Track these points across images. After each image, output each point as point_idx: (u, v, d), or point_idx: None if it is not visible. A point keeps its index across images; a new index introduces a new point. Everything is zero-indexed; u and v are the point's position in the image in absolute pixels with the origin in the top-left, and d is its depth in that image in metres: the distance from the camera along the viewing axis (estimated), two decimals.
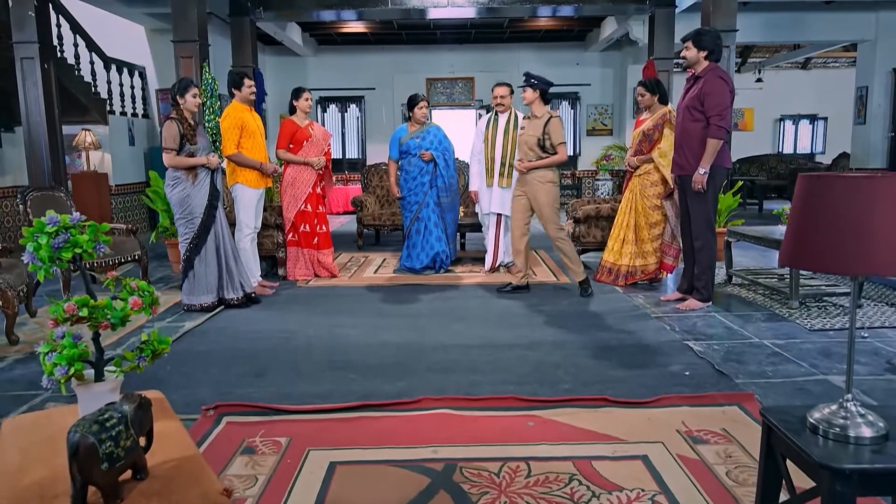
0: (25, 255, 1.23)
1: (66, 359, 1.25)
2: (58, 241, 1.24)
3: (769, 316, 4.08)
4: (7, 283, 3.69)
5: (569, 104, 12.17)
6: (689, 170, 4.15)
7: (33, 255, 1.25)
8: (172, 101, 4.33)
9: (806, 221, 1.26)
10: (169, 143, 4.19)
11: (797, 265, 1.31)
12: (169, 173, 4.34)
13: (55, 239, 1.24)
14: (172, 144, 4.19)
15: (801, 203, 1.29)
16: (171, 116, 4.28)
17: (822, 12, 9.27)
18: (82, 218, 1.32)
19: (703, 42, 4.08)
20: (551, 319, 4.11)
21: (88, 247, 1.30)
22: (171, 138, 4.19)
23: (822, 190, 1.24)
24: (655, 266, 4.95)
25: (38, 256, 1.25)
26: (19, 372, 3.26)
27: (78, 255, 1.31)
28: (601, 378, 3.01)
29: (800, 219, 1.29)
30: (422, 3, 7.81)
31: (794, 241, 1.29)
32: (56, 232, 1.25)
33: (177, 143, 4.20)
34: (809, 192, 1.27)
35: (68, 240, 1.25)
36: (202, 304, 4.41)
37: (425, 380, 3.03)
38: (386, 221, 7.15)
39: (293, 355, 3.44)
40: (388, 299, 4.77)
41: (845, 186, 1.21)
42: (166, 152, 4.20)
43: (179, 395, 2.86)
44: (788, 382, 2.92)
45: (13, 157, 7.92)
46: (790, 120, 13.52)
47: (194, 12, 6.19)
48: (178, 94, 4.31)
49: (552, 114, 4.72)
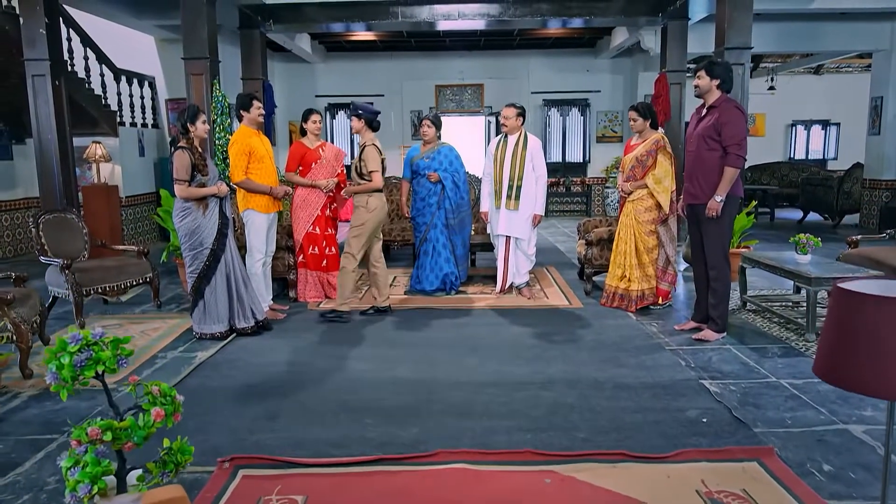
0: (48, 375, 1.22)
1: (89, 476, 1.24)
2: (80, 359, 1.23)
3: (785, 350, 4.04)
4: (21, 316, 3.69)
5: (578, 111, 12.10)
6: (703, 198, 4.13)
7: (56, 374, 1.23)
8: (182, 129, 4.30)
9: (842, 339, 1.23)
10: (181, 174, 4.15)
11: (833, 382, 1.28)
12: (178, 203, 4.30)
13: (78, 357, 1.23)
14: (185, 175, 4.16)
15: (836, 318, 1.25)
16: (182, 146, 4.24)
17: (836, 22, 9.16)
18: (104, 334, 1.31)
19: (716, 71, 4.04)
20: (564, 352, 4.08)
21: (111, 364, 1.29)
22: (182, 169, 4.16)
23: (858, 306, 1.21)
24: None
25: (62, 376, 1.23)
26: (34, 411, 3.26)
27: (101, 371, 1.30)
28: (617, 424, 2.98)
29: (836, 334, 1.25)
30: (431, 16, 7.77)
31: (829, 356, 1.26)
32: (78, 349, 1.23)
33: (188, 174, 4.17)
34: (846, 308, 1.23)
35: (91, 357, 1.24)
36: (213, 333, 4.40)
37: (440, 425, 3.01)
38: (396, 237, 7.12)
39: (306, 394, 3.43)
40: (400, 326, 4.75)
41: (885, 308, 1.18)
42: (178, 184, 4.16)
43: (195, 441, 2.81)
44: (808, 433, 2.89)
45: (24, 169, 7.97)
46: (802, 125, 13.40)
47: (204, 30, 6.17)
48: (189, 121, 4.28)
49: (369, 143, 4.80)
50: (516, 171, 5.31)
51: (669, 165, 4.81)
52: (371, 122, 4.85)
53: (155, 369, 3.88)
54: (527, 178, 5.32)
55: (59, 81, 6.16)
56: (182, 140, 4.28)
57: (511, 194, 5.33)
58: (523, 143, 5.36)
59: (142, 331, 4.68)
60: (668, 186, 4.80)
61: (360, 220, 4.76)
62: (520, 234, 5.40)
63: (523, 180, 5.31)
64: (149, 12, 7.91)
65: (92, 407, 3.30)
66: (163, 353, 4.20)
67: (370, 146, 4.75)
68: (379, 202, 4.79)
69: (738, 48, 6.16)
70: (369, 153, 4.73)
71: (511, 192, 5.33)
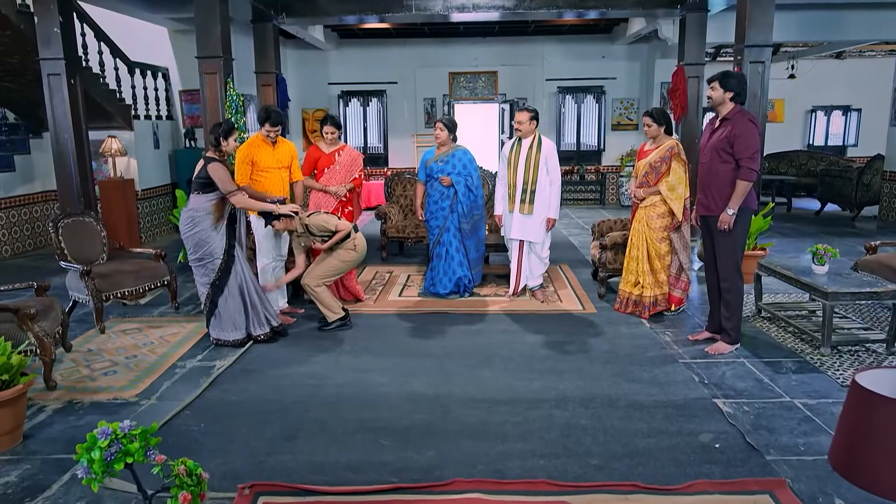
0: (79, 469, 1.26)
1: None
2: (110, 453, 1.27)
3: (800, 365, 4.04)
4: (44, 330, 3.76)
5: (594, 98, 11.96)
6: (716, 210, 4.11)
7: (87, 468, 1.27)
8: (214, 141, 4.32)
9: (859, 437, 1.24)
10: (229, 184, 4.21)
11: (850, 480, 1.29)
12: (185, 213, 4.33)
13: (107, 451, 1.27)
14: (233, 185, 4.22)
15: (853, 415, 1.26)
16: (215, 158, 4.27)
17: (859, 10, 8.94)
18: (134, 426, 1.34)
19: (730, 84, 3.99)
20: (578, 364, 4.10)
21: (139, 456, 1.33)
22: (228, 179, 4.22)
23: (876, 407, 1.21)
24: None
25: (92, 470, 1.27)
26: (59, 427, 3.35)
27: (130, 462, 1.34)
28: (630, 450, 3.01)
29: (853, 431, 1.26)
30: (445, 8, 7.68)
31: (845, 451, 1.27)
32: (108, 444, 1.27)
33: (234, 183, 4.22)
34: (864, 407, 1.24)
35: (120, 450, 1.28)
36: (231, 340, 4.47)
37: (455, 448, 3.06)
38: (410, 234, 7.15)
39: (323, 411, 3.48)
40: (415, 332, 4.79)
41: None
42: (232, 194, 4.21)
43: (215, 464, 2.92)
44: (820, 462, 2.90)
45: (41, 163, 8.04)
46: (822, 111, 13.15)
47: (217, 28, 6.15)
48: (223, 136, 4.31)
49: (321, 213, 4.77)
50: (530, 175, 5.29)
51: (683, 173, 4.77)
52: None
53: (175, 380, 3.95)
54: (541, 181, 5.30)
55: (74, 80, 6.18)
56: (213, 152, 4.31)
57: (525, 198, 5.31)
58: (537, 146, 5.32)
59: (161, 336, 4.76)
60: (682, 194, 4.77)
61: (341, 258, 4.73)
62: (534, 238, 5.39)
63: (537, 184, 5.29)
64: (163, 7, 7.88)
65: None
66: (182, 361, 4.27)
67: (323, 215, 4.74)
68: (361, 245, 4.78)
69: (759, 46, 6.04)
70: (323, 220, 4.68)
71: (525, 195, 5.31)
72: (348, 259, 4.75)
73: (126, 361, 4.26)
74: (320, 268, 4.74)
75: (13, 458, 3.04)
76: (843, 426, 1.31)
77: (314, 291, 4.75)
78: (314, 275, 4.73)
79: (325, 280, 4.76)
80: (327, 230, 4.64)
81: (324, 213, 4.77)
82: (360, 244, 4.76)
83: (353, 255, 4.75)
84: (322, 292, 4.76)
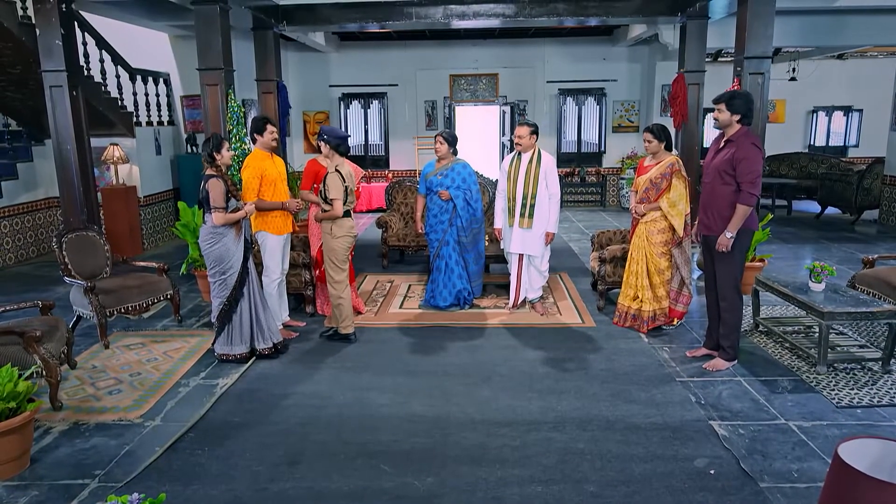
0: None
1: None
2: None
3: (795, 384, 4.08)
4: (49, 352, 3.82)
5: (594, 100, 11.95)
6: (716, 230, 4.15)
7: None
8: (209, 157, 4.36)
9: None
10: (219, 202, 4.24)
11: None
12: (206, 230, 4.37)
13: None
14: (223, 203, 4.25)
15: (835, 488, 1.31)
16: (213, 174, 4.31)
17: (861, 15, 8.93)
18: (142, 498, 1.39)
19: (736, 106, 4.02)
20: (577, 383, 4.15)
21: None
22: (220, 197, 4.24)
23: (856, 483, 1.26)
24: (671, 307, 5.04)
25: None
26: (65, 451, 3.40)
27: None
28: (626, 477, 3.06)
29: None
30: (445, 15, 7.69)
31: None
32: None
33: (225, 201, 4.26)
34: (846, 485, 1.28)
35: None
36: (235, 354, 4.53)
37: (454, 473, 3.11)
38: (410, 242, 7.19)
39: (325, 434, 3.54)
40: (415, 349, 4.84)
41: (886, 497, 1.23)
42: (217, 212, 4.24)
43: (218, 490, 2.98)
44: (814, 489, 2.95)
45: (44, 170, 8.08)
46: (823, 111, 13.14)
47: (218, 41, 6.18)
48: (214, 150, 4.34)
49: (332, 170, 4.72)
50: (530, 189, 5.32)
51: (684, 189, 4.80)
52: (338, 146, 4.77)
53: (178, 400, 4.01)
54: (540, 195, 5.33)
55: (76, 91, 6.20)
56: (210, 168, 4.35)
57: (525, 212, 5.35)
58: (537, 160, 5.35)
59: (164, 352, 4.82)
60: (683, 210, 4.80)
61: (329, 248, 4.78)
62: (533, 252, 5.43)
63: (537, 198, 5.32)
64: (163, 15, 7.89)
65: (120, 445, 3.44)
66: (185, 378, 4.33)
67: (333, 173, 4.70)
68: (342, 230, 4.76)
69: (758, 57, 6.06)
70: (331, 181, 4.66)
71: (525, 209, 5.34)
72: (339, 235, 4.76)
73: (130, 379, 4.32)
74: (331, 269, 4.81)
75: (21, 483, 3.10)
76: (825, 499, 1.35)
77: (340, 300, 4.84)
78: (332, 274, 4.81)
79: (342, 264, 4.81)
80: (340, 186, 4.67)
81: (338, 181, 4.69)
82: (335, 229, 4.75)
83: (333, 242, 4.76)
84: (346, 304, 4.86)
